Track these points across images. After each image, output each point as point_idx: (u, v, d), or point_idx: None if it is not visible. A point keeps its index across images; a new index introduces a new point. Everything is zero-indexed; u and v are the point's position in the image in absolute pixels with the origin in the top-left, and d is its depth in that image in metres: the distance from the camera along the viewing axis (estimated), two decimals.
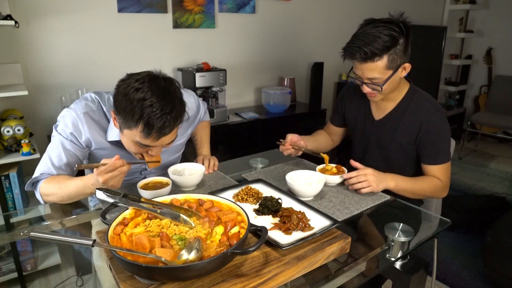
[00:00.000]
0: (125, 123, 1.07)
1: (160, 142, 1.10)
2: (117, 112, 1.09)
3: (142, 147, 1.12)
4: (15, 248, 1.22)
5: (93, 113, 1.24)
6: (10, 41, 2.08)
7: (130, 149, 1.17)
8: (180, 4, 2.58)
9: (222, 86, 2.59)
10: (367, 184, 1.25)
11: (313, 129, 1.77)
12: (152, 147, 1.13)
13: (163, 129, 1.05)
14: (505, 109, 4.13)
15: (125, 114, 1.05)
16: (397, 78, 1.31)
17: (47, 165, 1.21)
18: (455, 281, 2.07)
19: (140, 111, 1.02)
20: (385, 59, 1.23)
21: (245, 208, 0.95)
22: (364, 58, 1.23)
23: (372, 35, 1.22)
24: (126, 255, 0.76)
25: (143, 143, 1.09)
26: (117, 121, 1.12)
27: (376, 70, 1.25)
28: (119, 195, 0.94)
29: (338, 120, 1.67)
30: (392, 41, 1.21)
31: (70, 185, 1.14)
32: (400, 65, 1.27)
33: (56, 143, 1.22)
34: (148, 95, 1.02)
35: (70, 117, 1.22)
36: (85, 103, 1.24)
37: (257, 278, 0.79)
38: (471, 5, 4.34)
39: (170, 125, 1.06)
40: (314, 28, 3.42)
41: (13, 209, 1.99)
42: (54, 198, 1.18)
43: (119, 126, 1.13)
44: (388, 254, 1.01)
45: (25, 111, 2.17)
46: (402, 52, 1.25)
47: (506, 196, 2.97)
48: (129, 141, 1.12)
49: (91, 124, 1.23)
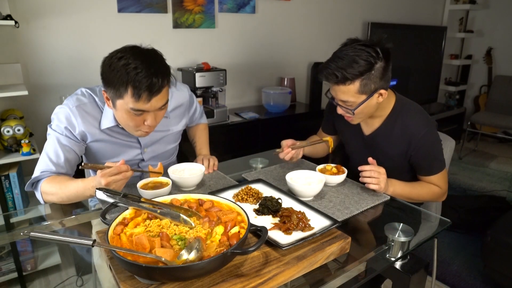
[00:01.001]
0: (116, 93, 1.10)
1: (151, 105, 1.12)
2: (107, 86, 1.12)
3: (138, 115, 1.14)
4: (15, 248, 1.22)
5: (85, 105, 1.25)
6: (10, 41, 2.08)
7: (128, 124, 1.18)
8: (180, 4, 2.58)
9: (222, 86, 2.59)
10: (377, 182, 1.24)
11: (313, 129, 1.77)
12: (147, 114, 1.15)
13: (151, 88, 1.08)
14: (505, 109, 4.13)
15: (113, 84, 1.09)
16: (373, 104, 1.28)
17: (45, 163, 1.22)
18: (455, 281, 2.07)
19: (126, 75, 1.06)
20: (357, 84, 1.22)
21: (245, 208, 0.95)
22: (336, 81, 1.24)
23: (347, 58, 1.20)
24: (126, 255, 0.76)
25: (136, 107, 1.11)
26: (109, 97, 1.15)
27: (348, 94, 1.24)
28: (119, 195, 0.94)
29: (329, 129, 1.65)
30: (367, 66, 1.19)
31: (70, 187, 1.15)
32: (375, 90, 1.24)
33: (52, 140, 1.24)
34: (131, 60, 1.07)
35: (63, 112, 1.23)
36: (76, 97, 1.26)
37: (257, 278, 0.79)
38: (471, 5, 4.34)
39: (157, 83, 1.09)
40: (314, 28, 3.41)
41: (13, 209, 1.99)
42: (54, 198, 1.18)
43: (112, 102, 1.16)
44: (388, 254, 1.01)
45: (25, 111, 2.17)
46: (377, 78, 1.22)
47: (506, 196, 2.97)
48: (124, 113, 1.15)
49: (84, 116, 1.24)
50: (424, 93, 4.27)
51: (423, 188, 1.37)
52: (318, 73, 1.28)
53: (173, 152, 1.57)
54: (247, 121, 2.68)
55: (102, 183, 1.03)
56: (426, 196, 1.38)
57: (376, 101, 1.28)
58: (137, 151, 1.39)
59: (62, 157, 1.22)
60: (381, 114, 1.39)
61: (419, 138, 1.32)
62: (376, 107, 1.32)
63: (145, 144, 1.40)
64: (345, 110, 1.31)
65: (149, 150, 1.42)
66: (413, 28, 3.95)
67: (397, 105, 1.38)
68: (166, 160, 1.52)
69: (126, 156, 1.37)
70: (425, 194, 1.37)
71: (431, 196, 1.38)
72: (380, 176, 1.25)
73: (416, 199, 1.37)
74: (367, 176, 1.26)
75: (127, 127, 1.23)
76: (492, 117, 4.01)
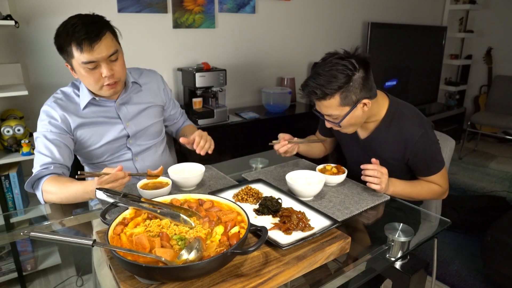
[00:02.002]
0: (68, 56, 1.23)
1: (97, 53, 1.21)
2: (61, 54, 1.25)
3: (91, 68, 1.23)
4: (15, 248, 1.22)
5: (60, 99, 1.36)
6: (10, 41, 2.08)
7: (90, 82, 1.28)
8: (180, 4, 2.58)
9: (222, 86, 2.59)
10: (378, 182, 1.24)
11: (313, 129, 1.77)
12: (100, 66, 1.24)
13: (89, 36, 1.18)
14: (505, 109, 4.13)
15: (62, 48, 1.22)
16: (359, 114, 1.29)
17: (40, 159, 1.27)
18: (455, 281, 2.07)
19: (66, 34, 1.19)
20: (337, 97, 1.23)
21: (245, 208, 0.95)
22: (317, 98, 1.26)
23: (325, 74, 1.22)
24: (126, 255, 0.76)
25: (85, 59, 1.20)
26: (68, 64, 1.28)
27: (331, 108, 1.26)
28: (119, 195, 0.95)
29: (325, 132, 1.65)
30: (344, 79, 1.20)
31: (70, 188, 1.16)
32: (357, 101, 1.25)
33: (40, 140, 1.30)
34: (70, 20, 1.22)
35: (42, 112, 1.34)
36: (51, 96, 1.38)
37: (257, 278, 0.79)
38: (471, 5, 4.34)
39: (95, 30, 1.19)
40: (314, 28, 3.42)
41: (13, 209, 1.99)
42: (54, 197, 1.20)
43: (71, 67, 1.27)
44: (388, 254, 1.01)
45: (25, 111, 2.17)
46: (357, 89, 1.23)
47: (506, 196, 2.97)
48: (82, 71, 1.24)
49: (62, 106, 1.34)
50: (424, 93, 4.27)
51: (424, 187, 1.37)
52: (301, 90, 1.31)
53: (160, 129, 1.60)
54: (247, 121, 2.68)
55: None
56: (426, 195, 1.38)
57: (361, 111, 1.28)
58: (120, 126, 1.43)
59: (54, 149, 1.28)
60: (375, 119, 1.39)
61: (415, 142, 1.32)
62: (365, 116, 1.32)
63: (124, 117, 1.44)
64: (332, 123, 1.33)
65: (131, 124, 1.45)
66: (413, 28, 3.95)
67: (391, 108, 1.37)
68: (154, 139, 1.55)
69: (112, 135, 1.41)
70: (426, 193, 1.37)
71: (432, 195, 1.38)
72: (382, 177, 1.24)
73: (417, 198, 1.37)
74: (369, 175, 1.25)
75: (91, 87, 1.30)
76: (492, 117, 4.01)
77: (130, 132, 1.45)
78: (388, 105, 1.38)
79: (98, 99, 1.37)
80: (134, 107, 1.46)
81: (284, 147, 1.44)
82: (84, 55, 1.20)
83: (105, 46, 1.22)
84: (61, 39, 1.22)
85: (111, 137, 1.41)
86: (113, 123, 1.42)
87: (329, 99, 1.24)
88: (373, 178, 1.24)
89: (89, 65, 1.22)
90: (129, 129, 1.45)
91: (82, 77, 1.29)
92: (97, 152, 1.42)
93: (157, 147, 1.58)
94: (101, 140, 1.40)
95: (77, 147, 1.40)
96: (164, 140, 1.66)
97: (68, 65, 1.29)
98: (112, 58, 1.26)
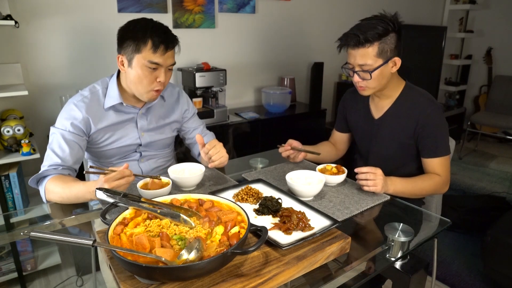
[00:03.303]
0: (135, 48, 1.26)
1: (165, 58, 1.29)
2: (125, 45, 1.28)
3: (152, 69, 1.28)
4: (15, 248, 1.21)
5: (87, 97, 1.36)
6: (10, 41, 2.08)
7: (142, 82, 1.30)
8: (180, 4, 2.58)
9: (222, 86, 2.59)
10: (372, 184, 1.25)
11: (313, 129, 1.78)
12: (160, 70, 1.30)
13: (167, 41, 1.27)
14: (505, 109, 4.13)
15: (134, 39, 1.26)
16: (388, 73, 1.36)
17: (51, 158, 1.28)
18: (455, 281, 2.07)
19: (146, 30, 1.25)
20: (376, 47, 1.31)
21: (245, 208, 0.95)
22: (356, 44, 1.32)
23: (366, 25, 1.32)
24: (126, 255, 0.76)
25: (153, 60, 1.27)
26: (125, 57, 1.30)
27: (367, 57, 1.32)
28: (119, 195, 0.94)
29: (342, 126, 1.69)
30: (384, 31, 1.30)
31: (72, 188, 1.18)
32: (390, 57, 1.33)
33: (56, 137, 1.31)
34: (148, 21, 1.30)
35: (67, 109, 1.34)
36: (78, 94, 1.38)
37: (257, 278, 0.79)
38: (471, 5, 4.34)
39: (172, 38, 1.30)
40: (314, 28, 3.42)
41: (13, 209, 1.99)
42: (56, 197, 1.21)
43: (128, 61, 1.29)
44: (388, 254, 1.01)
45: (25, 111, 2.17)
46: (392, 45, 1.32)
47: (506, 196, 2.97)
48: (140, 69, 1.28)
49: (88, 105, 1.34)
50: None
51: (424, 181, 1.38)
52: (339, 40, 1.38)
53: (171, 142, 1.61)
54: (247, 121, 2.69)
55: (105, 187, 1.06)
56: (428, 188, 1.38)
57: (389, 70, 1.36)
58: (136, 135, 1.45)
59: (67, 150, 1.29)
60: (391, 95, 1.44)
61: (426, 114, 1.37)
62: (388, 78, 1.38)
63: (141, 127, 1.46)
64: (362, 75, 1.36)
65: (146, 136, 1.48)
66: (413, 28, 3.95)
67: (405, 89, 1.45)
68: (163, 150, 1.57)
69: (126, 141, 1.44)
70: (427, 186, 1.37)
71: (434, 187, 1.38)
72: (376, 177, 1.25)
73: (419, 194, 1.37)
74: (363, 179, 1.26)
75: (139, 87, 1.32)
76: (492, 117, 4.01)
77: (143, 142, 1.48)
78: (404, 86, 1.45)
79: (125, 105, 1.40)
80: (153, 120, 1.49)
81: (286, 152, 1.51)
82: (155, 55, 1.26)
83: (172, 55, 1.32)
84: (135, 32, 1.26)
85: (125, 143, 1.44)
86: (129, 130, 1.44)
87: (368, 47, 1.31)
88: (367, 181, 1.26)
89: (152, 65, 1.28)
90: (143, 139, 1.48)
91: (134, 76, 1.30)
92: (108, 153, 1.44)
93: (165, 155, 1.60)
94: (114, 144, 1.42)
95: (89, 145, 1.42)
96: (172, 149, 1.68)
97: (123, 58, 1.31)
98: (170, 67, 1.35)
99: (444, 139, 1.40)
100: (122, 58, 1.31)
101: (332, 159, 1.72)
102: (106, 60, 2.40)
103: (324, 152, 1.66)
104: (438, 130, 1.38)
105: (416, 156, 1.46)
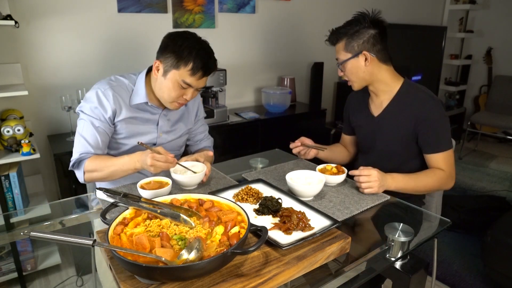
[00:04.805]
0: (175, 64, 1.28)
1: (199, 83, 1.33)
2: (166, 56, 1.29)
3: (183, 88, 1.31)
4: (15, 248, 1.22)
5: (115, 87, 1.37)
6: (10, 41, 2.08)
7: (170, 94, 1.33)
8: (180, 4, 2.58)
9: (222, 86, 2.59)
10: (366, 186, 1.25)
11: (313, 129, 1.78)
12: (189, 89, 1.33)
13: (206, 69, 1.30)
14: (505, 109, 4.13)
15: (176, 55, 1.27)
16: (361, 66, 1.39)
17: (84, 146, 1.31)
18: (455, 281, 2.07)
19: (192, 52, 1.27)
20: (343, 42, 1.39)
21: (245, 208, 0.95)
22: (331, 41, 1.43)
23: (344, 24, 1.41)
24: (126, 255, 0.76)
25: (188, 81, 1.30)
26: (163, 67, 1.31)
27: (339, 52, 1.42)
28: (119, 195, 0.95)
29: (348, 129, 1.70)
30: (352, 27, 1.37)
31: (116, 162, 1.26)
32: (358, 52, 1.37)
33: (86, 124, 1.33)
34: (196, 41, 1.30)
35: (94, 95, 1.34)
36: (106, 81, 1.38)
37: (257, 278, 0.79)
38: (471, 5, 4.33)
39: (212, 68, 1.32)
40: (314, 28, 3.42)
41: (13, 209, 1.99)
42: (98, 174, 1.28)
43: (164, 71, 1.31)
44: (388, 254, 1.01)
45: (25, 111, 2.17)
46: (360, 40, 1.36)
47: (506, 196, 2.97)
48: (171, 83, 1.30)
49: (114, 95, 1.35)
50: None
51: (427, 175, 1.36)
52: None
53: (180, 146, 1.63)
54: (247, 121, 2.69)
55: (147, 162, 1.15)
56: (432, 184, 1.36)
57: (363, 64, 1.39)
58: (154, 134, 1.47)
59: (99, 139, 1.33)
60: (389, 91, 1.45)
61: (426, 110, 1.36)
62: (368, 72, 1.40)
63: (161, 128, 1.48)
64: (341, 68, 1.45)
65: (164, 136, 1.50)
66: (413, 28, 3.95)
67: (404, 85, 1.45)
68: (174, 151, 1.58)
69: (144, 139, 1.46)
70: (431, 181, 1.36)
71: (438, 183, 1.36)
72: (371, 178, 1.25)
73: (423, 189, 1.37)
74: (359, 182, 1.27)
75: (166, 96, 1.35)
76: (492, 117, 4.01)
77: (159, 142, 1.49)
78: (402, 82, 1.46)
79: (150, 104, 1.41)
80: (172, 121, 1.51)
81: (296, 149, 1.54)
82: (191, 78, 1.30)
83: (205, 80, 1.36)
84: (180, 50, 1.27)
85: (142, 140, 1.45)
86: (149, 129, 1.46)
87: (337, 43, 1.41)
88: (361, 184, 1.26)
89: (185, 85, 1.31)
90: (160, 140, 1.49)
91: (165, 87, 1.33)
92: (123, 146, 1.45)
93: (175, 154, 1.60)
94: (132, 138, 1.44)
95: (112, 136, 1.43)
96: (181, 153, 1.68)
97: (160, 65, 1.31)
98: (200, 89, 1.39)
99: (446, 133, 1.38)
100: (159, 64, 1.32)
101: (345, 161, 1.73)
102: (106, 60, 2.40)
103: (337, 153, 1.70)
104: (439, 125, 1.36)
105: (418, 154, 1.45)
